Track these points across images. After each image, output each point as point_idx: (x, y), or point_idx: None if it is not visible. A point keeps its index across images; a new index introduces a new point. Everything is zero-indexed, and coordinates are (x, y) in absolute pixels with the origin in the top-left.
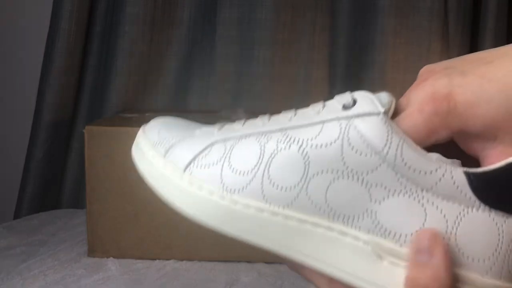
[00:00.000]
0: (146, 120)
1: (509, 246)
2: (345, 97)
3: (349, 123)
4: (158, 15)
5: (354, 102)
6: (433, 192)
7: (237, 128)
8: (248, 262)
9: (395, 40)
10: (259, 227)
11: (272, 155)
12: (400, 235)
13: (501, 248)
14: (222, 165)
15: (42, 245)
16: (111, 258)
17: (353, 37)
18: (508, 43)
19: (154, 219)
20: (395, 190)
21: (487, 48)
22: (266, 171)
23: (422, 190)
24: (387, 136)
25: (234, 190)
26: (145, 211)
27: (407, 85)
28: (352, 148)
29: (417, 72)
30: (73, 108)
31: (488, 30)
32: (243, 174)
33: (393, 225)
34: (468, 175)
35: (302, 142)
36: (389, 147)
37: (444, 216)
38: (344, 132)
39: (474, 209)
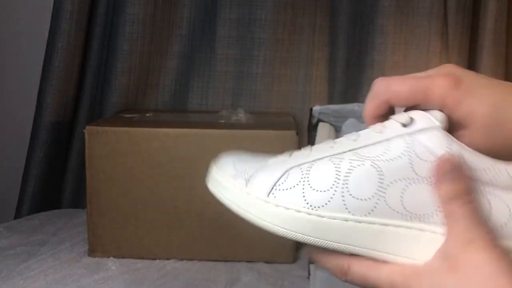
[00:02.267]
0: (146, 120)
1: None
2: (402, 117)
3: (412, 138)
4: (158, 15)
5: (412, 120)
6: (493, 185)
7: (306, 154)
8: (248, 262)
9: (394, 40)
10: (345, 235)
11: (348, 172)
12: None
13: None
14: (303, 186)
15: (42, 244)
16: (112, 257)
17: (353, 37)
18: (507, 43)
19: (154, 219)
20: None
21: (486, 48)
22: (345, 186)
23: (484, 185)
24: (447, 144)
25: (318, 206)
26: (145, 211)
27: None
28: (420, 158)
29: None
30: (74, 108)
31: (487, 30)
32: (324, 191)
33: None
34: None
35: (374, 158)
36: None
37: (506, 204)
38: (410, 146)
39: None
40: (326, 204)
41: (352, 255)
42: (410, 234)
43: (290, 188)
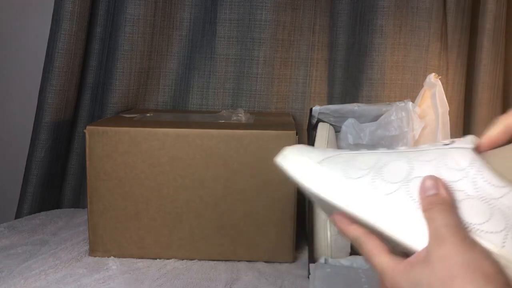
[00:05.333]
0: (146, 120)
1: None
2: (448, 140)
3: (446, 151)
4: (158, 16)
5: (452, 142)
6: (500, 201)
7: (361, 150)
8: (248, 261)
9: (394, 40)
10: (364, 204)
11: (385, 163)
12: (471, 223)
13: None
14: (346, 165)
15: (43, 244)
16: (112, 257)
17: (353, 37)
18: (506, 43)
19: (154, 219)
20: (472, 195)
21: (486, 48)
22: (379, 171)
23: (492, 198)
24: (472, 160)
25: (352, 177)
26: (146, 210)
27: (406, 86)
28: (446, 165)
29: (416, 73)
30: (74, 108)
31: (487, 30)
32: (361, 170)
33: (468, 218)
34: None
35: (409, 158)
36: (472, 168)
37: (506, 217)
38: (441, 155)
39: None
40: (359, 177)
41: (369, 232)
42: (415, 219)
43: (337, 163)
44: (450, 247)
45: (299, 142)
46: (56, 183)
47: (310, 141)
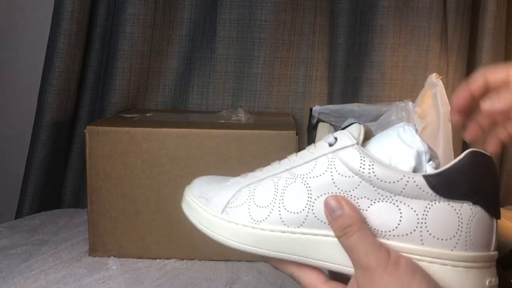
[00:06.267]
0: (146, 120)
1: (467, 224)
2: (329, 137)
3: (334, 156)
4: (158, 15)
5: (336, 139)
6: (403, 195)
7: (256, 174)
8: (248, 261)
9: (394, 40)
10: (283, 244)
11: (284, 189)
12: (385, 231)
13: (461, 226)
14: (249, 204)
15: (43, 244)
16: (112, 257)
17: (353, 37)
18: (506, 43)
19: (154, 219)
20: (375, 199)
21: (486, 48)
22: (281, 202)
23: (395, 195)
24: (360, 159)
25: (260, 221)
26: (146, 210)
27: (406, 85)
28: (339, 174)
29: (416, 72)
30: (74, 108)
31: (487, 30)
32: (265, 207)
33: (378, 225)
34: (426, 178)
35: (303, 176)
36: (363, 167)
37: (415, 211)
38: (331, 163)
39: (436, 202)
40: (266, 218)
41: (301, 264)
42: (334, 241)
43: (239, 205)
44: (378, 279)
45: (299, 142)
46: (56, 183)
47: (310, 141)
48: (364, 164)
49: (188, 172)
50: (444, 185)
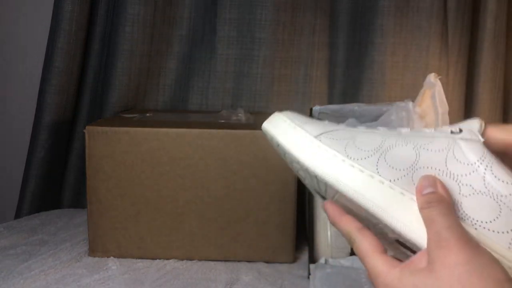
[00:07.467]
0: (146, 120)
1: None
2: (454, 127)
3: (455, 141)
4: (158, 15)
5: (460, 131)
6: (509, 198)
7: (360, 129)
8: (248, 261)
9: (394, 40)
10: (369, 187)
11: (391, 146)
12: (476, 220)
13: None
14: (347, 142)
15: (43, 244)
16: (112, 257)
17: (353, 37)
18: (507, 43)
19: (154, 219)
20: (480, 191)
21: (486, 48)
22: (383, 154)
23: (501, 196)
24: (482, 155)
25: (354, 158)
26: (146, 211)
27: (407, 85)
28: (455, 157)
29: (416, 72)
30: (74, 108)
31: (487, 30)
32: (364, 151)
33: (472, 212)
34: None
35: (416, 144)
36: (481, 163)
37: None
38: (450, 145)
39: None
40: (361, 159)
41: (363, 228)
42: (415, 212)
43: (336, 139)
44: (455, 253)
45: None
46: (55, 184)
47: None
48: (483, 160)
49: (188, 172)
50: None
